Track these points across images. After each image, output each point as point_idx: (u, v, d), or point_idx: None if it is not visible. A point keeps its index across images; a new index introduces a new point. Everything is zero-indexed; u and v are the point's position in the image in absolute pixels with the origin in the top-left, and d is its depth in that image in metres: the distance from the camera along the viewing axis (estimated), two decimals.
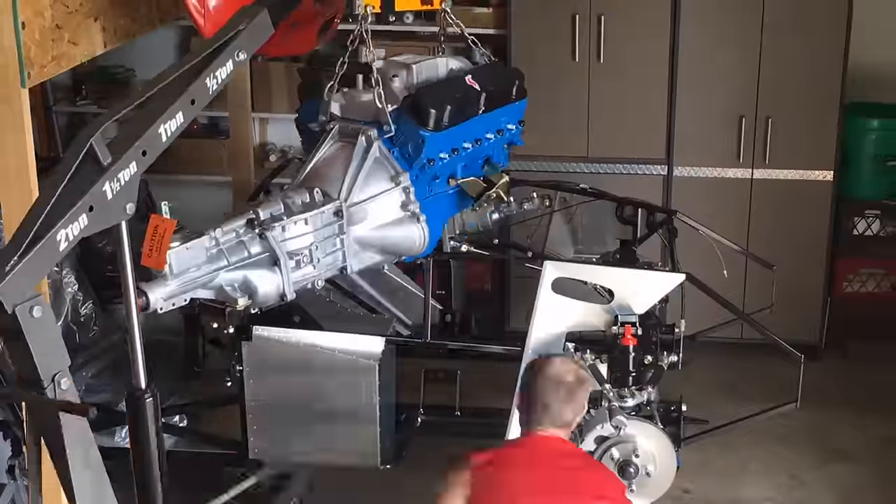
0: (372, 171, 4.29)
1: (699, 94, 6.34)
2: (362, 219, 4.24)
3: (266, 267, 3.96)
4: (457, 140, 4.42)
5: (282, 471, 4.67)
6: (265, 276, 3.95)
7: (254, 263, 3.95)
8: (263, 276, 3.95)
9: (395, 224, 4.34)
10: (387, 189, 4.30)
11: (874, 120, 6.53)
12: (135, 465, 3.46)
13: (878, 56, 6.60)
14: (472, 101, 4.43)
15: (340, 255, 4.23)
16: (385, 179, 4.31)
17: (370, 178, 4.28)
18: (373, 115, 4.32)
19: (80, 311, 5.17)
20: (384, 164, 4.32)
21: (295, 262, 4.01)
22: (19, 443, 4.91)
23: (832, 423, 5.99)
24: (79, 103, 7.42)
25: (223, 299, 3.97)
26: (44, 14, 3.70)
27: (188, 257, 3.78)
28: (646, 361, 4.05)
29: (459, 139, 4.43)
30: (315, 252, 4.08)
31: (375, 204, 4.28)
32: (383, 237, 4.33)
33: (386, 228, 4.33)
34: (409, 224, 4.33)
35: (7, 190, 3.75)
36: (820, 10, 6.15)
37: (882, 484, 5.50)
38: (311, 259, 4.08)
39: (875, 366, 6.61)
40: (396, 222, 4.35)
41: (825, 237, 6.50)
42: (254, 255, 3.95)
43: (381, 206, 4.29)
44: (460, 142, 4.44)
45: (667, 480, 3.98)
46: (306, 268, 4.07)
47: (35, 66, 3.67)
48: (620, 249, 5.02)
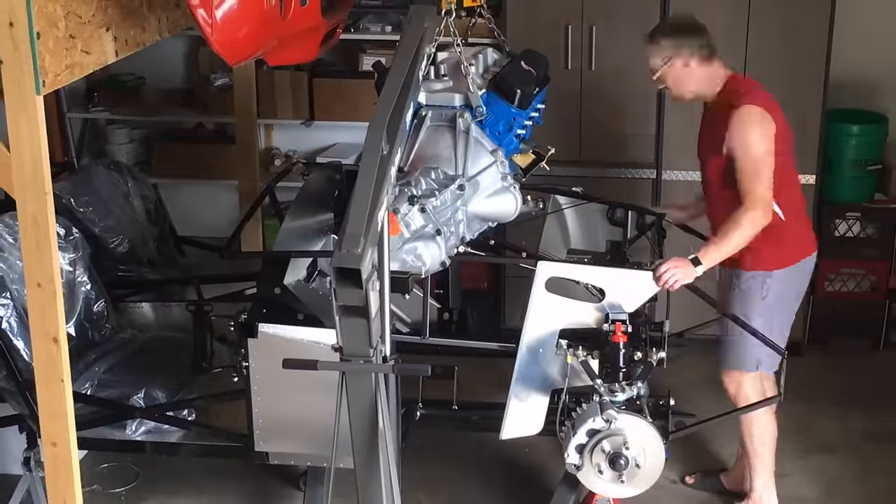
0: (474, 151, 4.50)
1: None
2: (475, 192, 4.49)
3: (430, 238, 4.20)
4: (527, 117, 4.72)
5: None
6: (430, 245, 4.20)
7: (421, 236, 4.19)
8: (429, 246, 4.20)
9: (497, 193, 4.56)
10: (489, 164, 4.52)
11: (854, 126, 6.54)
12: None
13: (857, 66, 6.61)
14: (533, 83, 4.72)
15: (462, 227, 4.47)
16: (485, 155, 4.53)
17: (474, 156, 4.49)
18: (457, 100, 4.55)
19: (93, 309, 5.17)
20: (481, 142, 4.53)
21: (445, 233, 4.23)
22: (34, 435, 4.92)
23: (814, 417, 6.00)
24: (91, 110, 7.42)
25: (406, 269, 4.12)
26: (58, 25, 3.70)
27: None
28: (635, 357, 4.06)
29: (529, 116, 4.73)
30: (451, 223, 4.33)
31: (483, 177, 4.50)
32: (490, 206, 4.56)
33: (492, 199, 4.55)
34: (507, 193, 4.56)
35: (23, 192, 3.75)
36: (803, 23, 6.16)
37: (863, 475, 5.51)
38: (452, 229, 4.33)
39: (855, 362, 6.62)
40: (499, 192, 4.56)
41: None
42: (419, 227, 4.16)
43: (487, 179, 4.51)
44: (528, 119, 4.74)
45: (656, 471, 3.99)
46: (451, 238, 4.31)
47: (49, 75, 3.67)
48: (611, 250, 5.03)
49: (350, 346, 3.21)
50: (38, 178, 3.74)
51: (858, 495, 5.36)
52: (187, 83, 7.58)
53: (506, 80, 4.66)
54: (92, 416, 4.72)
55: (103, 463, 5.56)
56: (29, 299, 3.91)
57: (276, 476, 5.35)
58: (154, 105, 7.43)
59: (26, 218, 3.78)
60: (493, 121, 4.59)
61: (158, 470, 5.49)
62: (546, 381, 4.19)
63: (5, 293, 4.66)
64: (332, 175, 5.26)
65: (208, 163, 7.26)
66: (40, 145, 3.71)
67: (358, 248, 3.05)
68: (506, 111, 4.62)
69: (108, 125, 7.52)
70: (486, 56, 4.99)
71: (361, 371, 3.24)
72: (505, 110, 4.62)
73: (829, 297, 6.69)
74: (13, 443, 5.26)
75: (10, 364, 4.61)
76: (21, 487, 5.18)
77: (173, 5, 4.49)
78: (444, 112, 4.59)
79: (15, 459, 5.22)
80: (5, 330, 4.64)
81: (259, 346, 4.42)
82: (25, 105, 3.65)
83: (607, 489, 4.03)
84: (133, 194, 5.86)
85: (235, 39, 4.07)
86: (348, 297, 3.08)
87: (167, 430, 4.84)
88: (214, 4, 3.90)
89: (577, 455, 3.95)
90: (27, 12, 3.52)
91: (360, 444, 3.44)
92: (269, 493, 5.38)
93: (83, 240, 5.23)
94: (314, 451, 4.59)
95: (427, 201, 4.17)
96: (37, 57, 3.58)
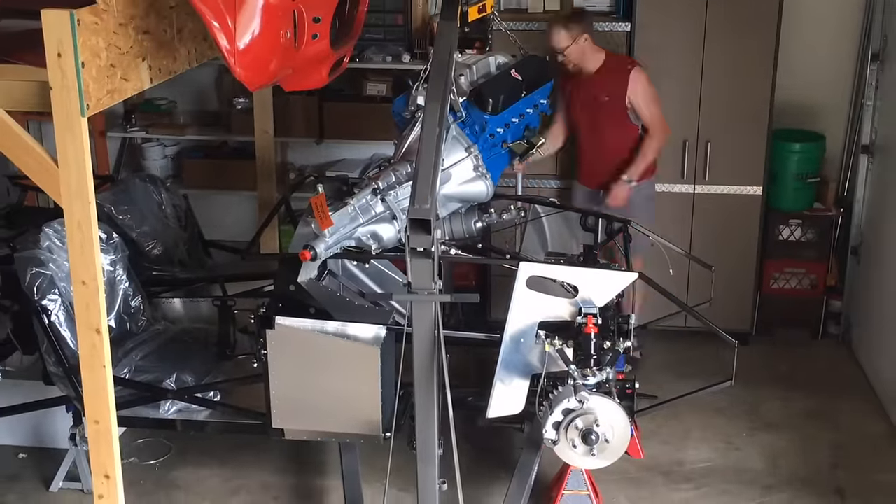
0: (451, 146, 4.70)
1: None
2: (448, 179, 4.68)
3: (388, 221, 4.54)
4: (508, 118, 4.86)
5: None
6: (388, 228, 4.55)
7: (379, 219, 4.53)
8: (387, 228, 4.55)
9: (470, 181, 4.75)
10: (463, 157, 4.71)
11: (796, 144, 6.55)
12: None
13: (799, 91, 6.63)
14: (517, 90, 4.90)
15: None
16: (461, 150, 4.71)
17: (450, 151, 4.70)
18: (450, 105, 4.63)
19: (131, 304, 5.16)
20: (459, 139, 4.72)
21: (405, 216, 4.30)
22: (79, 414, 4.92)
23: (761, 399, 6.01)
24: (129, 130, 7.41)
25: (361, 246, 4.56)
26: (100, 55, 3.71)
27: (338, 220, 4.40)
28: (605, 346, 4.05)
29: (509, 117, 4.86)
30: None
31: (456, 169, 4.70)
32: (463, 191, 4.76)
33: (464, 185, 4.75)
34: (479, 181, 4.76)
35: (70, 201, 3.76)
36: (751, 54, 6.18)
37: (803, 449, 5.53)
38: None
39: (797, 350, 6.64)
40: (471, 180, 4.75)
41: (755, 242, 6.52)
42: (378, 213, 4.51)
43: (460, 170, 4.72)
44: (510, 119, 4.87)
45: (622, 445, 3.98)
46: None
47: (93, 99, 3.68)
48: (584, 253, 5.04)
49: (417, 282, 3.48)
50: (82, 190, 3.75)
51: (800, 466, 5.38)
52: (214, 106, 7.58)
53: (482, 90, 4.77)
54: (130, 398, 4.71)
55: (140, 438, 5.56)
56: (75, 295, 3.91)
57: (291, 450, 5.35)
58: (184, 125, 7.43)
59: (72, 224, 3.79)
60: (471, 122, 4.73)
61: (188, 444, 5.49)
62: (527, 367, 4.18)
63: (54, 290, 4.65)
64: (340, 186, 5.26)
65: (231, 176, 7.25)
66: (85, 161, 3.71)
67: (427, 204, 3.39)
68: (478, 116, 4.73)
69: (144, 143, 7.51)
70: (488, 63, 5.04)
71: (427, 300, 3.50)
72: (478, 116, 4.73)
73: (774, 294, 6.71)
74: (61, 421, 5.26)
75: (59, 352, 4.61)
76: (68, 460, 5.19)
77: (201, 38, 4.50)
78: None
79: (62, 436, 5.22)
80: (54, 322, 4.63)
81: (276, 337, 4.42)
82: (72, 126, 3.66)
83: (580, 461, 4.03)
84: (166, 203, 5.86)
85: (255, 68, 4.07)
86: (419, 241, 3.41)
87: (195, 409, 4.84)
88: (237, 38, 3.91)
89: (554, 431, 3.94)
90: (73, 45, 3.52)
91: (420, 363, 3.63)
92: (284, 465, 5.38)
93: (122, 243, 5.22)
94: (323, 427, 4.59)
95: (388, 193, 4.50)
96: (81, 84, 3.59)
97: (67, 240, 3.84)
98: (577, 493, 4.77)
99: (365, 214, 4.50)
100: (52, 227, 4.77)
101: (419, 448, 3.76)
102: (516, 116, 4.90)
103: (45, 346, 4.66)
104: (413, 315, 3.54)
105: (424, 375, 3.64)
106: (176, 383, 4.81)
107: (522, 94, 4.90)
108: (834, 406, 5.96)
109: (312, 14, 4.27)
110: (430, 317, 3.53)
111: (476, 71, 4.94)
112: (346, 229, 4.47)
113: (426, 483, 3.81)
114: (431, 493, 3.82)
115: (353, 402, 4.48)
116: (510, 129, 4.90)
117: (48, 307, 4.63)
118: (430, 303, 3.50)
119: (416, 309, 3.52)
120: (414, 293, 3.49)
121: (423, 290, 3.48)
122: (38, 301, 4.62)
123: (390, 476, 4.13)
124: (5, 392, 4.95)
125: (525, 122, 4.99)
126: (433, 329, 3.54)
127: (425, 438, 3.74)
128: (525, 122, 4.99)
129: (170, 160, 7.61)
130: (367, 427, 4.52)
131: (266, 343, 4.44)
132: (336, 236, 4.41)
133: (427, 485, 3.81)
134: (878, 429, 5.73)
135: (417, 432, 3.74)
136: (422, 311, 3.52)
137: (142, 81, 4.07)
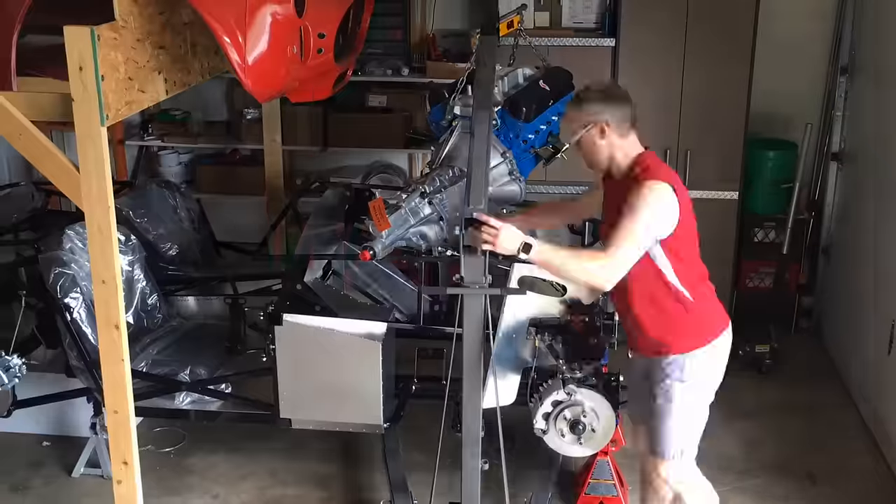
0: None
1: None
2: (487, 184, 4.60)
3: (435, 223, 4.56)
4: (538, 125, 4.87)
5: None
6: (434, 228, 4.57)
7: (427, 221, 4.53)
8: (433, 229, 4.57)
9: (505, 184, 4.76)
10: (499, 162, 4.71)
11: (770, 152, 6.55)
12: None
13: (773, 102, 6.63)
14: (545, 99, 4.93)
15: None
16: (497, 156, 4.69)
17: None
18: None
19: (148, 302, 5.16)
20: (495, 145, 4.67)
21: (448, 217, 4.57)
22: (99, 405, 4.91)
23: (738, 389, 5.99)
24: (145, 138, 7.39)
25: (411, 246, 4.61)
26: (118, 69, 3.71)
27: (392, 223, 4.40)
28: (591, 342, 4.05)
29: (539, 124, 4.88)
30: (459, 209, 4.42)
31: (493, 172, 4.66)
32: (497, 193, 4.75)
33: (501, 188, 4.76)
34: (514, 184, 4.78)
35: (90, 205, 3.77)
36: (729, 68, 6.17)
37: (776, 437, 5.53)
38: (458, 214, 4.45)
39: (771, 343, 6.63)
40: (506, 183, 4.76)
41: (732, 243, 6.51)
42: (426, 215, 4.51)
43: (496, 173, 4.71)
44: (539, 126, 4.88)
45: (608, 434, 3.98)
46: (455, 220, 4.49)
47: (112, 110, 3.69)
48: None
49: (470, 276, 3.53)
50: (102, 194, 3.75)
51: (773, 452, 5.38)
52: (225, 116, 7.57)
53: (515, 99, 4.80)
54: (146, 389, 4.71)
55: (156, 427, 5.54)
56: (95, 294, 3.91)
57: (297, 438, 5.35)
58: (197, 134, 7.41)
59: (93, 227, 3.79)
60: (505, 130, 4.77)
61: (201, 433, 5.48)
62: (519, 361, 4.18)
63: (76, 289, 4.65)
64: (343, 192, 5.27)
65: (242, 181, 7.23)
66: (104, 167, 3.72)
67: (481, 205, 3.46)
68: (513, 124, 4.77)
69: (160, 151, 7.50)
70: (517, 75, 5.06)
71: (478, 293, 3.54)
72: (513, 123, 4.77)
73: (750, 291, 6.70)
74: (82, 411, 5.26)
75: (80, 346, 4.61)
76: (88, 447, 5.18)
77: (213, 53, 4.50)
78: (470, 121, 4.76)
79: (84, 425, 5.21)
80: (76, 319, 4.63)
81: (283, 333, 4.42)
82: (92, 135, 3.66)
83: (568, 449, 4.02)
84: (180, 207, 5.86)
85: (264, 81, 4.08)
86: (474, 239, 3.46)
87: (208, 400, 4.85)
88: (247, 53, 3.91)
89: (544, 421, 3.94)
90: (94, 59, 3.53)
91: (469, 350, 3.65)
92: (291, 452, 5.37)
93: (139, 245, 5.22)
94: (327, 417, 4.60)
95: (435, 196, 4.48)
96: (101, 95, 3.59)
97: (88, 242, 3.84)
98: (603, 481, 4.80)
99: (415, 217, 4.51)
100: (74, 229, 4.77)
101: (465, 430, 3.79)
102: (544, 124, 4.92)
103: (68, 341, 4.67)
104: (464, 306, 3.58)
105: (473, 362, 3.67)
106: (190, 376, 4.81)
107: (550, 102, 4.92)
108: (805, 396, 5.96)
109: (318, 30, 4.28)
110: (480, 308, 3.58)
111: (507, 82, 4.99)
112: (400, 230, 4.49)
113: (470, 463, 3.87)
114: (475, 472, 3.87)
115: (355, 394, 4.48)
116: (539, 135, 4.94)
117: (70, 305, 4.63)
118: (481, 295, 3.55)
119: (468, 301, 3.57)
120: (466, 287, 3.55)
121: (474, 283, 3.54)
122: (61, 299, 4.62)
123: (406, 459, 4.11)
124: (30, 384, 4.94)
125: (550, 128, 4.99)
126: (482, 319, 3.59)
127: (471, 421, 3.78)
128: (550, 129, 4.99)
129: (184, 167, 7.59)
130: (368, 417, 4.53)
131: (274, 338, 4.44)
132: (392, 237, 4.43)
133: (470, 464, 3.87)
134: (846, 417, 5.73)
135: (464, 415, 3.76)
136: (473, 302, 3.57)
137: (158, 93, 4.08)
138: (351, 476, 5.18)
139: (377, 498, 4.99)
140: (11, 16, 3.74)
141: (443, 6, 7.00)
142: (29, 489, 5.10)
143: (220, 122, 7.53)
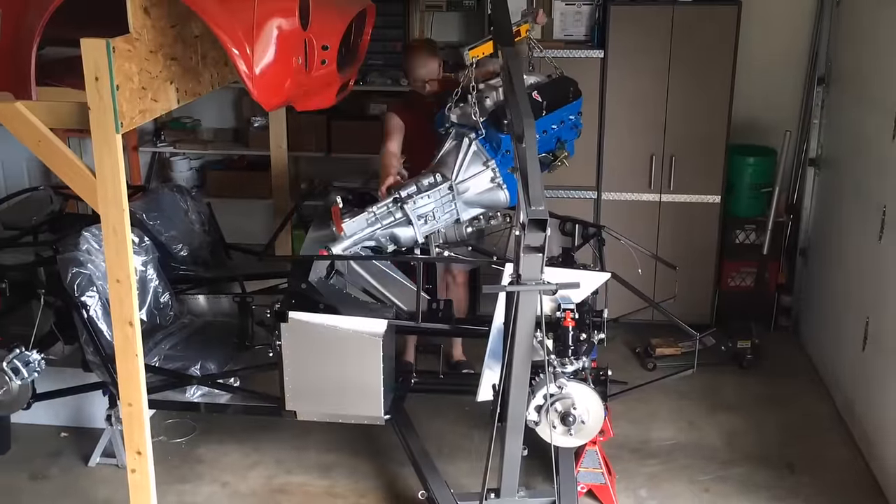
0: (471, 160, 4.81)
1: (621, 137, 6.37)
2: (467, 189, 4.81)
3: (405, 225, 4.75)
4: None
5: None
6: (405, 230, 4.76)
7: (397, 224, 4.74)
8: (404, 231, 4.76)
9: (488, 191, 4.83)
10: (481, 170, 4.81)
11: (751, 158, 6.55)
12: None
13: (753, 111, 6.65)
14: (535, 110, 4.69)
15: (455, 212, 4.85)
16: (480, 164, 4.81)
17: (470, 164, 4.81)
18: (473, 123, 4.75)
19: (160, 300, 5.15)
20: (479, 154, 4.81)
21: (423, 220, 4.76)
22: (114, 398, 4.92)
23: (720, 383, 6.02)
24: (158, 145, 7.42)
25: (380, 246, 4.80)
26: (133, 79, 3.72)
27: (355, 225, 4.68)
28: (581, 338, 4.05)
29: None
30: (436, 213, 4.78)
31: (475, 180, 4.81)
32: (481, 199, 4.86)
33: (483, 193, 4.84)
34: (496, 190, 4.83)
35: (106, 208, 3.77)
36: (711, 78, 6.18)
37: (757, 428, 5.53)
38: (434, 218, 4.79)
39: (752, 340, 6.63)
40: (489, 189, 4.83)
41: (715, 245, 6.53)
42: (397, 218, 4.73)
43: (478, 180, 4.82)
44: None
45: (597, 426, 3.98)
46: (430, 223, 4.80)
47: (126, 118, 3.69)
48: (562, 254, 5.04)
49: (527, 274, 3.54)
50: (117, 198, 3.76)
51: (755, 443, 5.38)
52: (233, 124, 7.58)
53: (496, 111, 4.74)
54: (159, 383, 4.71)
55: (168, 419, 5.55)
56: (110, 292, 3.92)
57: (302, 429, 5.35)
58: (207, 141, 7.42)
59: (108, 228, 3.80)
60: (489, 139, 4.78)
61: (211, 425, 5.49)
62: None
63: (93, 288, 4.65)
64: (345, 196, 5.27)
65: (249, 186, 7.25)
66: (119, 172, 3.72)
67: (542, 206, 3.42)
68: (495, 135, 4.75)
69: (172, 157, 7.51)
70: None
71: (534, 290, 3.58)
72: (494, 134, 4.75)
73: (732, 290, 6.70)
74: (98, 404, 5.27)
75: (96, 342, 4.61)
76: (104, 438, 5.18)
77: (222, 64, 4.51)
78: (459, 131, 4.86)
79: (99, 417, 5.22)
80: (92, 316, 4.63)
81: (289, 329, 4.42)
82: (107, 141, 3.67)
83: (559, 440, 4.03)
84: (191, 210, 5.85)
85: (270, 91, 4.08)
86: (535, 239, 3.45)
87: (218, 393, 4.84)
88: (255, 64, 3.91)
89: (536, 413, 3.95)
90: (109, 70, 3.54)
91: (520, 343, 3.69)
92: (297, 443, 5.38)
93: (152, 246, 5.22)
94: (331, 410, 4.60)
95: (408, 201, 4.68)
96: (116, 104, 3.60)
97: (104, 243, 3.85)
98: (592, 470, 4.80)
99: (385, 220, 4.71)
100: (90, 231, 4.77)
101: (510, 419, 3.86)
102: (539, 133, 4.85)
103: (84, 338, 4.66)
104: (519, 302, 3.59)
105: (523, 354, 3.71)
106: (200, 370, 4.81)
107: (542, 113, 4.84)
108: (784, 390, 5.96)
109: (322, 42, 4.28)
110: (535, 304, 3.62)
111: (502, 93, 4.86)
112: (363, 233, 4.69)
113: (512, 449, 3.98)
114: (516, 457, 4.01)
115: (357, 388, 4.48)
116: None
117: (87, 303, 4.63)
118: (536, 292, 3.59)
119: (524, 297, 3.58)
120: (523, 284, 3.56)
121: (531, 281, 3.55)
122: (78, 297, 4.62)
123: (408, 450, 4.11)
124: (49, 378, 4.95)
125: (554, 135, 4.93)
126: (534, 317, 3.64)
127: (516, 410, 3.84)
128: (555, 135, 4.94)
129: (195, 172, 7.60)
130: (369, 409, 4.53)
131: (280, 335, 4.44)
132: (354, 238, 4.67)
133: (512, 450, 3.98)
134: (823, 410, 5.73)
135: (510, 405, 3.82)
136: (528, 298, 3.59)
137: (170, 102, 4.08)
138: (353, 465, 5.19)
139: (378, 486, 5.00)
140: (31, 29, 3.74)
141: (440, 20, 7.02)
142: (47, 478, 5.10)
143: (229, 130, 7.54)
